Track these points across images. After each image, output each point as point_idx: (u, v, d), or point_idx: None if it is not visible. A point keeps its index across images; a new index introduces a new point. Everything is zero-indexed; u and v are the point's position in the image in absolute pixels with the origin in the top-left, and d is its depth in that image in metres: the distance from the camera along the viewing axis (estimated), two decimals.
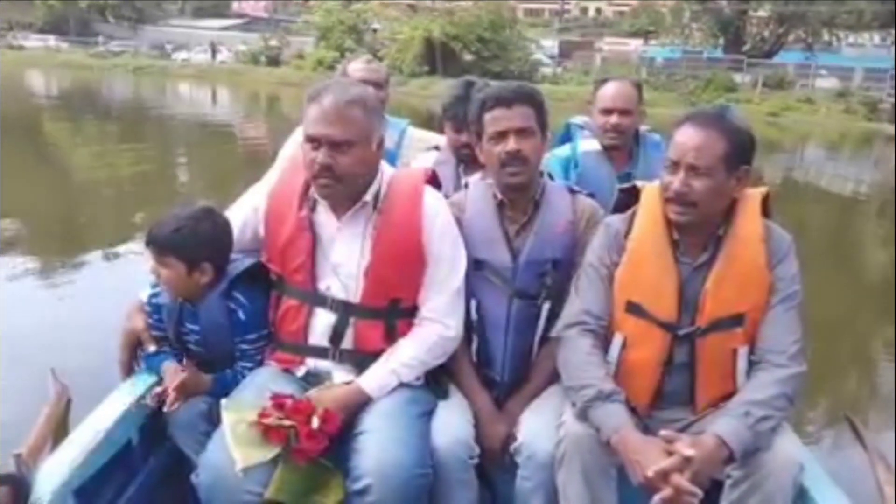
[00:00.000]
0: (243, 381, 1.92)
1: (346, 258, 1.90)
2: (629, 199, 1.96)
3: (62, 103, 22.19)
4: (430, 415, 1.88)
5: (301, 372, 1.95)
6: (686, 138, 1.74)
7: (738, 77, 31.04)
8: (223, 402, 1.78)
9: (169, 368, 1.96)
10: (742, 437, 1.60)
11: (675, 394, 1.84)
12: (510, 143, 1.94)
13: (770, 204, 1.86)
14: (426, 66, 31.82)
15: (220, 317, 1.95)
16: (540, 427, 1.84)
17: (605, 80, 2.81)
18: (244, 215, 2.03)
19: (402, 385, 1.88)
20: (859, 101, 28.06)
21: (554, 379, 1.93)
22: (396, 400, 1.84)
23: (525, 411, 1.94)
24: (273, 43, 38.12)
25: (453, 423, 1.87)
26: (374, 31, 36.26)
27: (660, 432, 1.66)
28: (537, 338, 2.01)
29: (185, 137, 15.32)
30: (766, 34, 35.12)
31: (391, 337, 1.92)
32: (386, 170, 1.97)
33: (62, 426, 1.89)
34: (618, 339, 1.84)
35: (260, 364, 1.98)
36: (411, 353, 1.90)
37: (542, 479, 1.79)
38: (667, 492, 1.54)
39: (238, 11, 55.18)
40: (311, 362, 1.94)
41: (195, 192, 9.36)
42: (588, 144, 2.77)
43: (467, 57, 31.11)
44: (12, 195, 7.44)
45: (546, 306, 1.99)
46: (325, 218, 1.93)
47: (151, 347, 2.03)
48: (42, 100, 22.58)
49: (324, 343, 1.93)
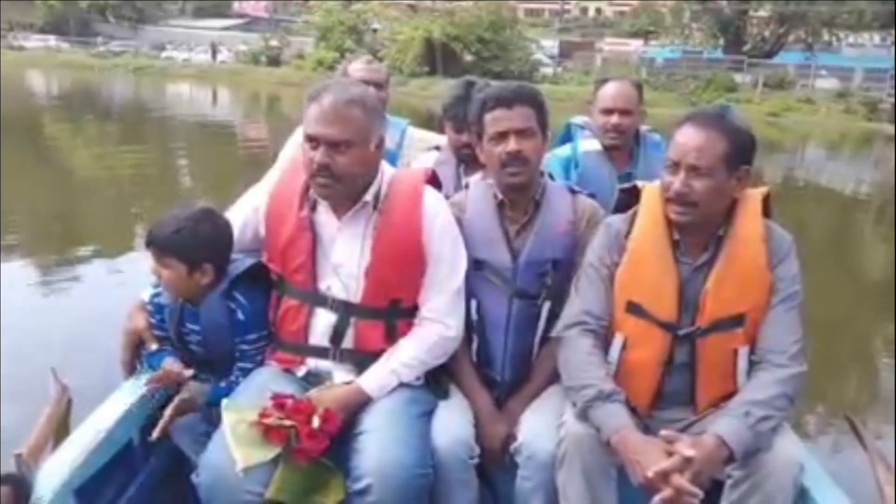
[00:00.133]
0: (244, 381, 1.92)
1: (346, 258, 1.90)
2: (630, 199, 1.96)
3: (62, 103, 22.17)
4: (430, 415, 1.88)
5: (301, 372, 1.95)
6: (686, 138, 1.75)
7: (739, 77, 31.03)
8: (223, 401, 1.78)
9: (170, 365, 1.95)
10: (742, 437, 1.60)
11: (675, 394, 1.84)
12: (511, 144, 1.94)
13: (770, 204, 1.86)
14: (426, 66, 31.81)
15: (220, 317, 1.95)
16: (540, 427, 1.84)
17: (605, 81, 2.81)
18: (245, 215, 2.04)
19: (403, 385, 1.88)
20: (859, 101, 28.06)
21: (554, 379, 1.93)
22: (397, 400, 1.84)
23: (525, 411, 1.94)
24: (273, 43, 38.12)
25: (454, 423, 1.87)
26: (375, 31, 36.24)
27: (660, 432, 1.66)
28: (537, 338, 2.01)
29: (186, 138, 15.31)
30: (766, 34, 35.12)
31: (391, 337, 1.93)
32: (386, 170, 1.97)
33: (63, 426, 1.90)
34: (618, 340, 1.84)
35: (260, 364, 1.98)
36: (411, 353, 1.90)
37: (543, 479, 1.79)
38: (667, 492, 1.54)
39: (238, 11, 55.19)
40: (312, 362, 1.94)
41: (195, 193, 9.36)
42: (589, 144, 2.77)
43: (467, 57, 31.12)
44: (12, 195, 7.44)
45: (546, 306, 1.99)
46: (325, 218, 1.93)
47: (153, 347, 2.03)
48: (42, 100, 22.57)
49: (324, 343, 1.93)
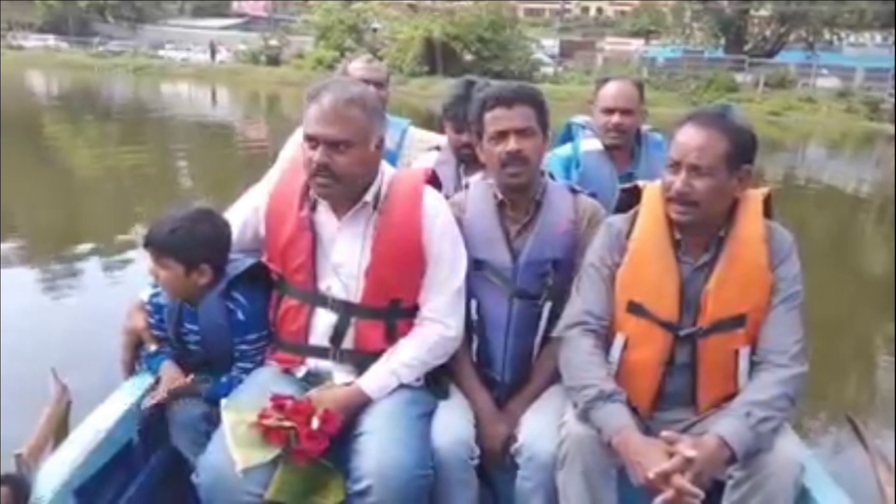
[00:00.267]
0: (243, 381, 1.92)
1: (346, 258, 1.90)
2: (631, 198, 1.95)
3: (62, 103, 22.18)
4: (430, 415, 1.88)
5: (301, 372, 1.94)
6: (688, 138, 1.74)
7: (740, 77, 30.99)
8: (223, 402, 1.78)
9: (167, 371, 1.95)
10: (743, 437, 1.60)
11: (676, 394, 1.84)
12: (511, 143, 1.94)
13: (772, 204, 1.86)
14: (426, 65, 31.78)
15: (219, 317, 1.94)
16: (541, 428, 1.83)
17: (606, 80, 2.80)
18: (244, 215, 2.03)
19: (403, 385, 1.87)
20: (860, 100, 28.01)
21: (555, 379, 1.93)
22: (397, 400, 1.84)
23: (526, 412, 1.93)
24: (273, 42, 38.09)
25: (454, 424, 1.86)
26: (374, 30, 36.22)
27: (661, 433, 1.65)
28: (538, 338, 2.01)
29: (185, 138, 15.31)
30: (767, 34, 35.08)
31: (392, 337, 1.92)
32: (386, 170, 1.97)
33: (63, 426, 1.89)
34: (619, 340, 1.84)
35: (260, 364, 1.97)
36: (412, 353, 1.90)
37: (543, 480, 1.79)
38: (668, 493, 1.54)
39: (237, 11, 55.19)
40: (312, 362, 1.94)
41: (194, 193, 9.35)
42: (589, 144, 2.76)
43: (468, 57, 31.10)
44: (12, 196, 7.44)
45: (547, 306, 1.98)
46: (325, 218, 1.93)
47: (152, 347, 2.03)
48: (41, 100, 22.56)
49: (324, 343, 1.92)
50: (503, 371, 2.02)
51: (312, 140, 1.80)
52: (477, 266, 1.99)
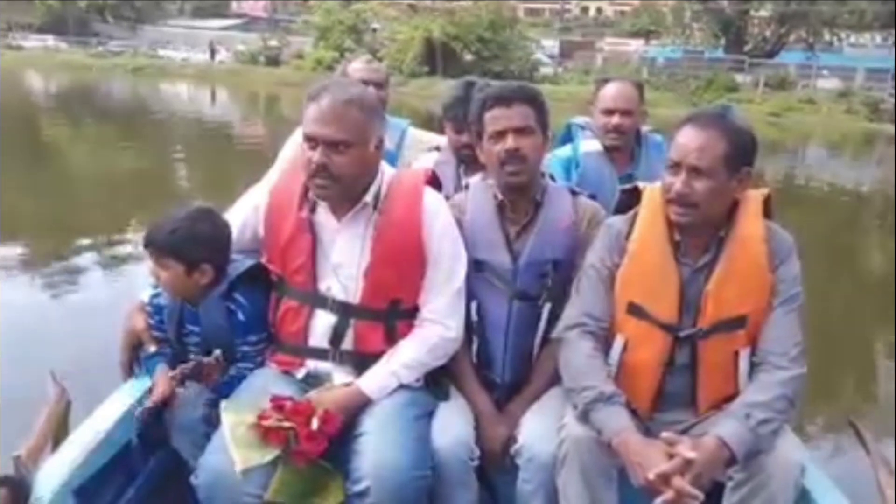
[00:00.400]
0: (243, 382, 1.91)
1: (346, 259, 1.90)
2: (631, 200, 1.95)
3: (61, 104, 22.17)
4: (430, 416, 1.87)
5: (301, 373, 1.94)
6: (687, 139, 1.74)
7: (740, 77, 31.00)
8: (222, 403, 1.77)
9: (160, 375, 1.94)
10: (743, 439, 1.60)
11: (676, 395, 1.84)
12: (509, 142, 1.94)
13: (771, 205, 1.85)
14: (426, 66, 31.78)
15: (220, 318, 1.94)
16: (541, 429, 1.83)
17: (606, 81, 2.80)
18: (244, 215, 2.03)
19: (402, 387, 1.87)
20: (861, 101, 28.00)
21: (555, 381, 1.93)
22: (396, 401, 1.84)
23: (526, 413, 1.93)
24: (272, 43, 38.09)
25: (453, 425, 1.86)
26: (374, 31, 36.20)
27: (661, 434, 1.65)
28: (538, 339, 2.01)
29: (184, 138, 15.31)
30: (767, 34, 35.09)
31: (391, 338, 1.92)
32: (386, 170, 1.96)
33: (62, 428, 1.89)
34: (619, 341, 1.83)
35: (260, 365, 1.97)
36: (412, 354, 1.90)
37: (543, 481, 1.78)
38: (668, 494, 1.54)
39: (237, 11, 55.20)
40: (311, 364, 1.94)
41: (194, 194, 9.35)
42: (589, 145, 2.76)
43: (467, 57, 31.10)
44: (10, 196, 7.43)
45: (547, 307, 1.98)
46: (325, 218, 1.92)
47: (152, 348, 2.02)
48: (41, 100, 22.56)
49: (324, 344, 1.92)
50: (503, 372, 2.02)
51: (311, 140, 1.80)
52: (477, 267, 1.99)
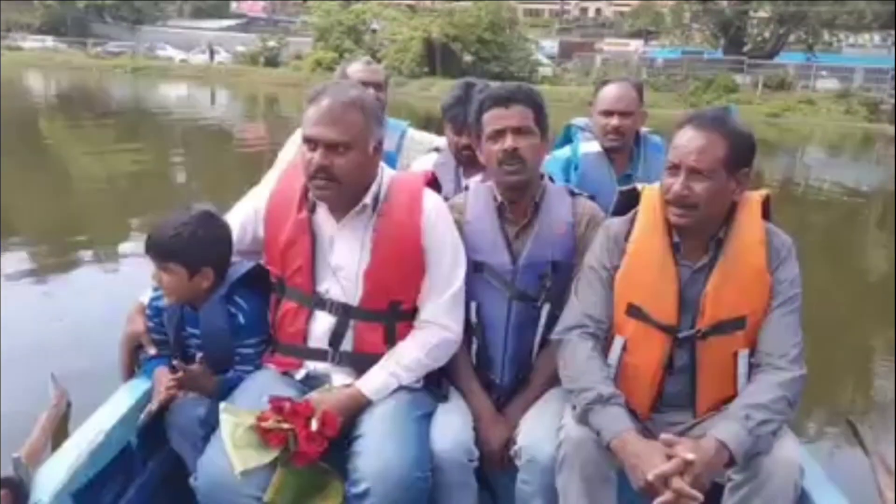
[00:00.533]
0: (242, 384, 1.91)
1: (345, 261, 1.90)
2: (629, 201, 1.95)
3: (61, 104, 22.15)
4: (429, 418, 1.87)
5: (300, 375, 1.94)
6: (686, 141, 1.74)
7: (739, 78, 31.03)
8: (221, 405, 1.77)
9: (160, 375, 1.94)
10: (742, 440, 1.60)
11: (675, 397, 1.84)
12: (507, 142, 1.94)
13: (770, 206, 1.85)
14: (425, 67, 31.82)
15: (220, 321, 1.94)
16: (540, 430, 1.83)
17: (605, 82, 2.80)
18: (244, 217, 2.03)
19: (402, 388, 1.87)
20: (860, 101, 28.04)
21: (554, 382, 1.93)
22: (396, 403, 1.84)
23: (525, 414, 1.93)
24: (271, 44, 38.12)
25: (453, 426, 1.86)
26: (373, 31, 36.21)
27: (660, 436, 1.65)
28: (537, 340, 2.01)
29: (183, 139, 15.30)
30: (766, 35, 35.12)
31: (391, 340, 1.92)
32: (386, 172, 1.97)
33: (62, 429, 1.89)
34: (618, 342, 1.83)
35: (259, 367, 1.97)
36: (411, 355, 1.90)
37: (542, 483, 1.78)
38: (667, 495, 1.54)
39: (236, 12, 55.19)
40: (311, 365, 1.94)
41: (193, 194, 9.34)
42: (588, 146, 2.76)
43: (467, 58, 31.11)
44: (10, 196, 7.43)
45: (546, 308, 1.98)
46: (324, 220, 1.93)
47: (152, 351, 2.02)
48: (40, 101, 22.53)
49: (323, 346, 1.92)
50: (502, 373, 2.02)
51: (311, 142, 1.80)
52: (476, 268, 1.99)
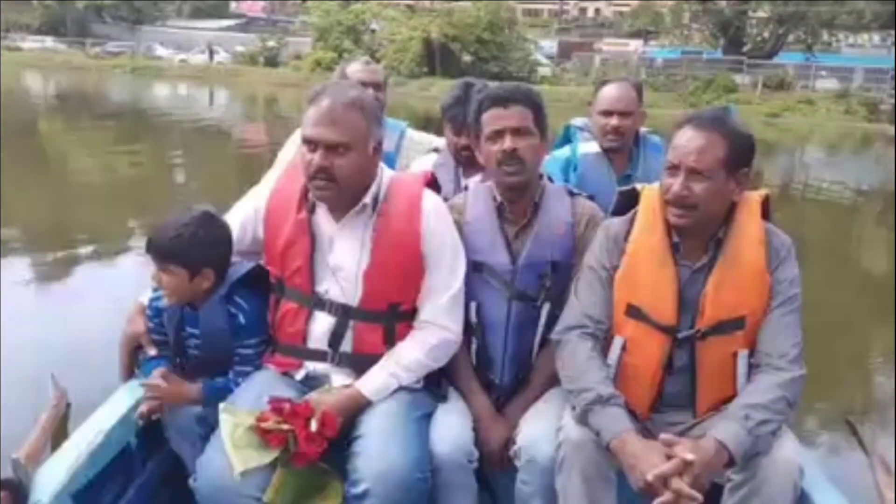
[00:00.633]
0: (242, 384, 1.91)
1: (345, 261, 1.90)
2: (629, 201, 1.95)
3: (60, 105, 22.13)
4: (429, 418, 1.87)
5: (300, 375, 1.94)
6: (686, 141, 1.74)
7: (739, 78, 31.03)
8: (221, 405, 1.77)
9: (153, 378, 1.93)
10: (742, 441, 1.60)
11: (675, 397, 1.84)
12: (506, 142, 1.94)
13: (770, 206, 1.85)
14: (424, 67, 31.81)
15: (220, 321, 1.94)
16: (540, 431, 1.83)
17: (605, 82, 2.80)
18: (244, 218, 2.03)
19: (402, 388, 1.87)
20: (859, 101, 28.02)
21: (554, 382, 1.93)
22: (396, 403, 1.84)
23: (525, 415, 1.93)
24: (271, 44, 38.12)
25: (453, 427, 1.86)
26: (373, 31, 36.21)
27: (660, 436, 1.65)
28: (537, 340, 2.01)
29: (182, 139, 15.29)
30: (765, 35, 35.13)
31: (390, 340, 1.92)
32: (385, 172, 1.96)
33: (62, 430, 1.89)
34: (618, 343, 1.83)
35: (258, 368, 1.97)
36: (411, 356, 1.90)
37: (542, 483, 1.78)
38: (666, 496, 1.54)
39: (235, 12, 55.19)
40: (310, 365, 1.94)
41: (192, 194, 9.33)
42: (588, 147, 2.76)
43: (466, 58, 31.10)
44: (9, 197, 7.42)
45: (545, 308, 1.98)
46: (324, 220, 1.92)
47: (152, 351, 2.02)
48: (39, 101, 22.51)
49: (323, 346, 1.92)
50: (502, 373, 2.02)
51: (311, 143, 1.80)
52: (476, 268, 1.99)
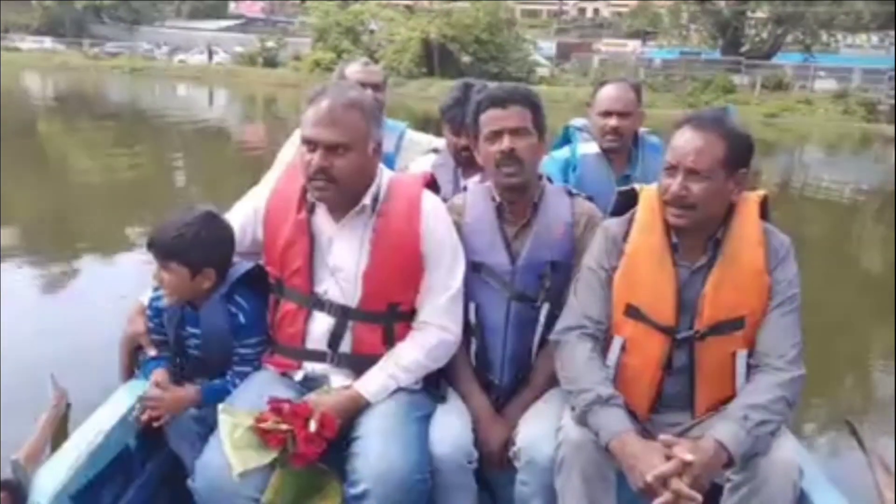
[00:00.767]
0: (241, 384, 1.91)
1: (344, 262, 1.89)
2: (628, 201, 1.95)
3: (59, 105, 22.13)
4: (428, 419, 1.87)
5: (299, 376, 1.94)
6: (685, 141, 1.74)
7: (737, 78, 31.05)
8: (220, 406, 1.77)
9: (151, 391, 1.92)
10: (741, 441, 1.60)
11: (674, 397, 1.84)
12: (504, 143, 1.94)
13: (768, 206, 1.86)
14: (423, 67, 31.81)
15: (221, 321, 1.94)
16: (539, 431, 1.83)
17: (604, 83, 2.80)
18: (243, 218, 2.03)
19: (401, 389, 1.87)
20: (858, 102, 28.02)
21: (553, 382, 1.92)
22: (395, 404, 1.84)
23: (524, 415, 1.93)
24: (270, 44, 38.12)
25: (452, 428, 1.86)
26: (372, 32, 36.21)
27: (659, 436, 1.65)
28: (536, 340, 2.01)
29: (182, 140, 15.29)
30: (764, 35, 35.14)
31: (390, 341, 1.92)
32: (384, 173, 1.96)
33: (62, 430, 1.89)
34: (617, 343, 1.83)
35: (258, 368, 1.97)
36: (410, 356, 1.90)
37: (542, 484, 1.78)
38: (666, 496, 1.54)
39: (234, 12, 55.19)
40: (309, 366, 1.94)
41: (192, 194, 9.34)
42: (587, 147, 2.76)
43: (465, 58, 31.10)
44: (9, 197, 7.42)
45: (545, 309, 1.98)
46: (323, 221, 1.92)
47: (152, 351, 2.02)
48: (38, 102, 22.51)
49: (322, 347, 1.92)
50: (501, 373, 2.02)
51: (311, 143, 1.80)
52: (475, 269, 1.99)
